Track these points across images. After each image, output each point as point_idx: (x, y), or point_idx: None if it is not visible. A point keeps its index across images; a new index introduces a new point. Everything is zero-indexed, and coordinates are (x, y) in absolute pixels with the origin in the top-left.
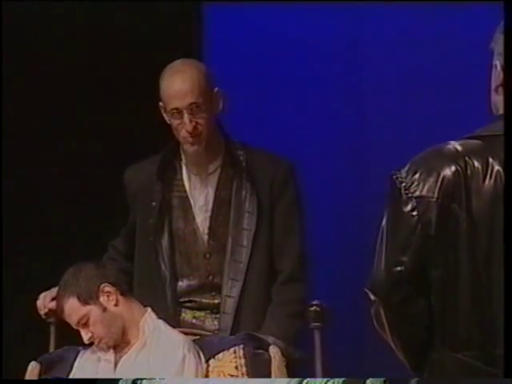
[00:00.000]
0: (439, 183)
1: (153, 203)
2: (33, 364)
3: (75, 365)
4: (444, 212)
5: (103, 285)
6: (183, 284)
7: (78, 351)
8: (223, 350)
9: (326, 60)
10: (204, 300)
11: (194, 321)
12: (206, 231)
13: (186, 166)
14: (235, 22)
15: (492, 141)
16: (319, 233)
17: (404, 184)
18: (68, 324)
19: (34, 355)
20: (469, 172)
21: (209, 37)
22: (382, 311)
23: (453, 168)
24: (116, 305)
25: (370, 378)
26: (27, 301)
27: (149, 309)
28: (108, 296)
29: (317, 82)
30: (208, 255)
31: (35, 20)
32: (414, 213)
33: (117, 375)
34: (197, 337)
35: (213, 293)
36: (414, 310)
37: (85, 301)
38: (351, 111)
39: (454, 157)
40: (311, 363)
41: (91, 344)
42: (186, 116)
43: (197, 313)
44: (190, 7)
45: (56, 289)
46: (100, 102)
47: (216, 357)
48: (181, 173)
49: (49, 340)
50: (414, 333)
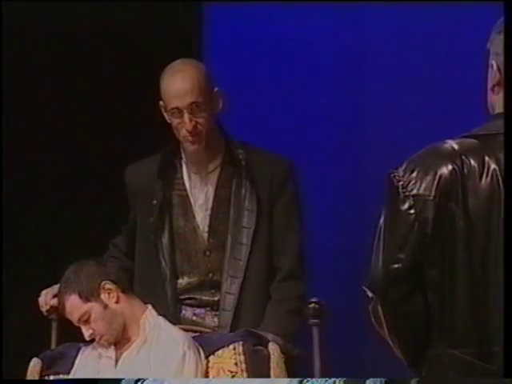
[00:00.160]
0: (436, 182)
1: (153, 201)
2: (34, 360)
3: (76, 361)
4: (441, 210)
5: (104, 282)
6: (183, 281)
7: (79, 348)
8: (223, 347)
9: (326, 60)
10: (204, 297)
11: (194, 318)
12: (206, 229)
13: (186, 165)
14: (235, 22)
15: (488, 140)
16: (318, 231)
17: (401, 182)
18: (69, 321)
19: (36, 352)
20: (465, 170)
21: (209, 37)
22: (380, 308)
23: (450, 167)
24: (117, 302)
25: (371, 378)
26: (29, 298)
27: (149, 306)
28: (109, 293)
29: (316, 82)
30: (208, 253)
31: (35, 20)
32: (412, 211)
33: (118, 372)
34: (197, 334)
35: (212, 290)
36: (411, 308)
37: (86, 298)
38: (351, 111)
39: (451, 155)
40: (310, 360)
41: (92, 341)
42: (186, 115)
43: (197, 310)
44: (190, 7)
45: (57, 286)
46: (100, 102)
47: (216, 353)
48: (181, 171)
49: (50, 337)
50: (412, 330)
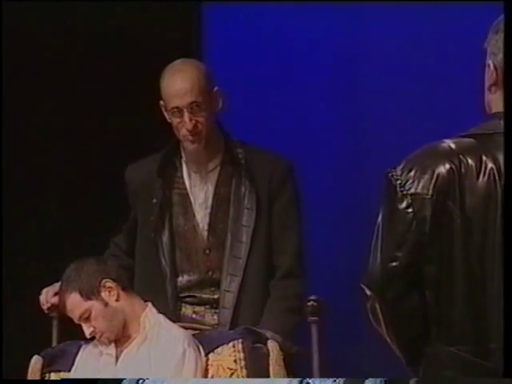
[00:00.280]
0: (434, 180)
1: (153, 200)
2: (35, 358)
3: (77, 359)
4: (438, 209)
5: (104, 280)
6: (183, 279)
7: (80, 345)
8: (222, 344)
9: (325, 60)
10: (204, 295)
11: (194, 315)
12: (206, 227)
13: (186, 164)
14: (235, 22)
15: (485, 139)
16: (317, 229)
17: (399, 181)
18: (70, 319)
19: (37, 350)
20: (463, 170)
21: (209, 37)
22: (378, 306)
23: (447, 166)
24: (117, 300)
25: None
26: (30, 296)
27: (149, 304)
28: (109, 291)
29: (316, 82)
30: (208, 251)
31: (35, 20)
32: (409, 210)
33: (118, 369)
34: (196, 331)
35: (212, 288)
36: (409, 305)
37: (87, 296)
38: (350, 110)
39: (449, 155)
40: (308, 357)
41: (93, 338)
42: (186, 115)
43: (196, 308)
44: (190, 7)
45: (58, 284)
46: (101, 101)
47: (215, 351)
48: (181, 170)
49: (51, 334)
50: (409, 327)
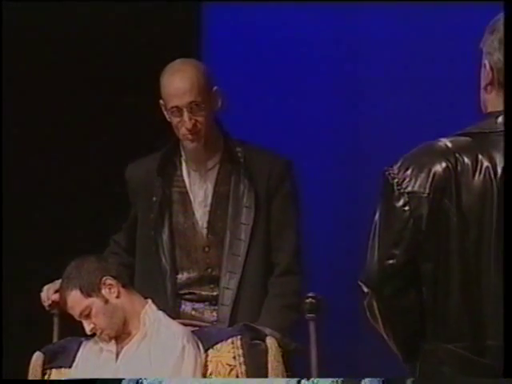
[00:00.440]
0: (430, 179)
1: (153, 198)
2: (37, 354)
3: (78, 355)
4: (435, 207)
5: (105, 277)
6: (183, 277)
7: (81, 342)
8: (221, 341)
9: (324, 59)
10: (203, 292)
11: (194, 312)
12: (205, 225)
13: (186, 163)
14: (235, 22)
15: (481, 138)
16: (315, 227)
17: (396, 180)
18: (71, 315)
19: (38, 346)
20: (459, 168)
21: (208, 36)
22: (375, 303)
23: (443, 164)
24: (117, 297)
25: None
26: (31, 293)
27: (149, 301)
28: (110, 288)
29: (315, 81)
30: (207, 249)
31: (35, 20)
32: (406, 208)
33: (118, 365)
34: (196, 328)
35: (211, 285)
36: (406, 302)
37: (87, 293)
38: (349, 110)
39: (445, 153)
40: (307, 353)
41: (93, 335)
42: (186, 114)
43: (196, 304)
44: (190, 7)
45: (59, 281)
46: (101, 101)
47: (214, 347)
48: (181, 169)
49: (52, 331)
50: (406, 324)
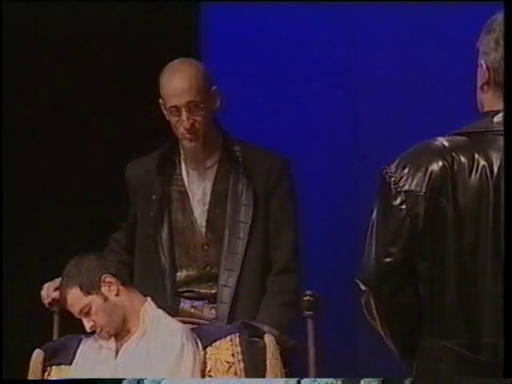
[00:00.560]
0: (427, 178)
1: (153, 197)
2: (37, 352)
3: (78, 352)
4: (432, 205)
5: (104, 275)
6: (182, 274)
7: (81, 339)
8: (220, 338)
9: (324, 59)
10: (202, 290)
11: (192, 310)
12: (204, 224)
13: (185, 161)
14: (234, 22)
15: (477, 137)
16: (313, 225)
17: (393, 178)
18: (70, 313)
19: (38, 343)
20: (455, 167)
21: (208, 36)
22: (372, 301)
23: (440, 163)
24: (117, 295)
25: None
26: (31, 291)
27: (148, 298)
28: (109, 286)
29: (314, 81)
30: (206, 247)
31: (35, 20)
32: (403, 206)
33: (118, 363)
34: (195, 325)
35: (210, 283)
36: (403, 300)
37: (87, 291)
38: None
39: (442, 152)
40: (305, 351)
41: (93, 332)
42: (184, 114)
43: (195, 302)
44: (190, 7)
45: (59, 279)
46: (101, 100)
47: (213, 344)
48: (180, 168)
49: (52, 329)
50: (403, 322)
